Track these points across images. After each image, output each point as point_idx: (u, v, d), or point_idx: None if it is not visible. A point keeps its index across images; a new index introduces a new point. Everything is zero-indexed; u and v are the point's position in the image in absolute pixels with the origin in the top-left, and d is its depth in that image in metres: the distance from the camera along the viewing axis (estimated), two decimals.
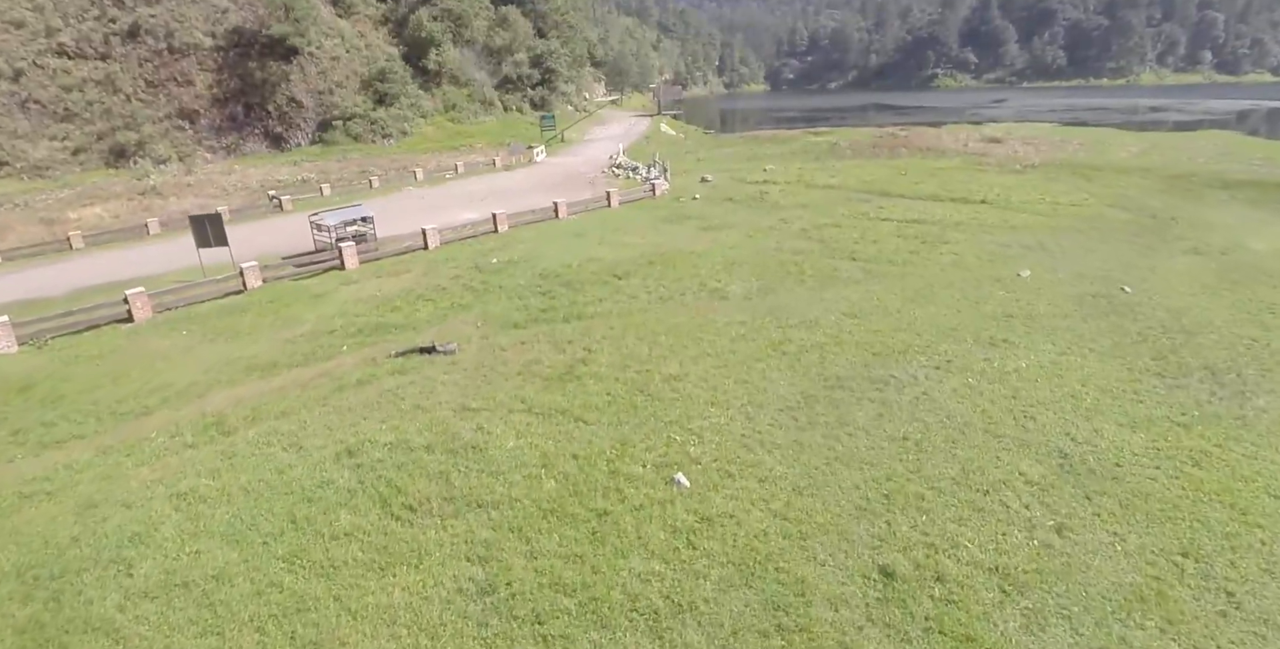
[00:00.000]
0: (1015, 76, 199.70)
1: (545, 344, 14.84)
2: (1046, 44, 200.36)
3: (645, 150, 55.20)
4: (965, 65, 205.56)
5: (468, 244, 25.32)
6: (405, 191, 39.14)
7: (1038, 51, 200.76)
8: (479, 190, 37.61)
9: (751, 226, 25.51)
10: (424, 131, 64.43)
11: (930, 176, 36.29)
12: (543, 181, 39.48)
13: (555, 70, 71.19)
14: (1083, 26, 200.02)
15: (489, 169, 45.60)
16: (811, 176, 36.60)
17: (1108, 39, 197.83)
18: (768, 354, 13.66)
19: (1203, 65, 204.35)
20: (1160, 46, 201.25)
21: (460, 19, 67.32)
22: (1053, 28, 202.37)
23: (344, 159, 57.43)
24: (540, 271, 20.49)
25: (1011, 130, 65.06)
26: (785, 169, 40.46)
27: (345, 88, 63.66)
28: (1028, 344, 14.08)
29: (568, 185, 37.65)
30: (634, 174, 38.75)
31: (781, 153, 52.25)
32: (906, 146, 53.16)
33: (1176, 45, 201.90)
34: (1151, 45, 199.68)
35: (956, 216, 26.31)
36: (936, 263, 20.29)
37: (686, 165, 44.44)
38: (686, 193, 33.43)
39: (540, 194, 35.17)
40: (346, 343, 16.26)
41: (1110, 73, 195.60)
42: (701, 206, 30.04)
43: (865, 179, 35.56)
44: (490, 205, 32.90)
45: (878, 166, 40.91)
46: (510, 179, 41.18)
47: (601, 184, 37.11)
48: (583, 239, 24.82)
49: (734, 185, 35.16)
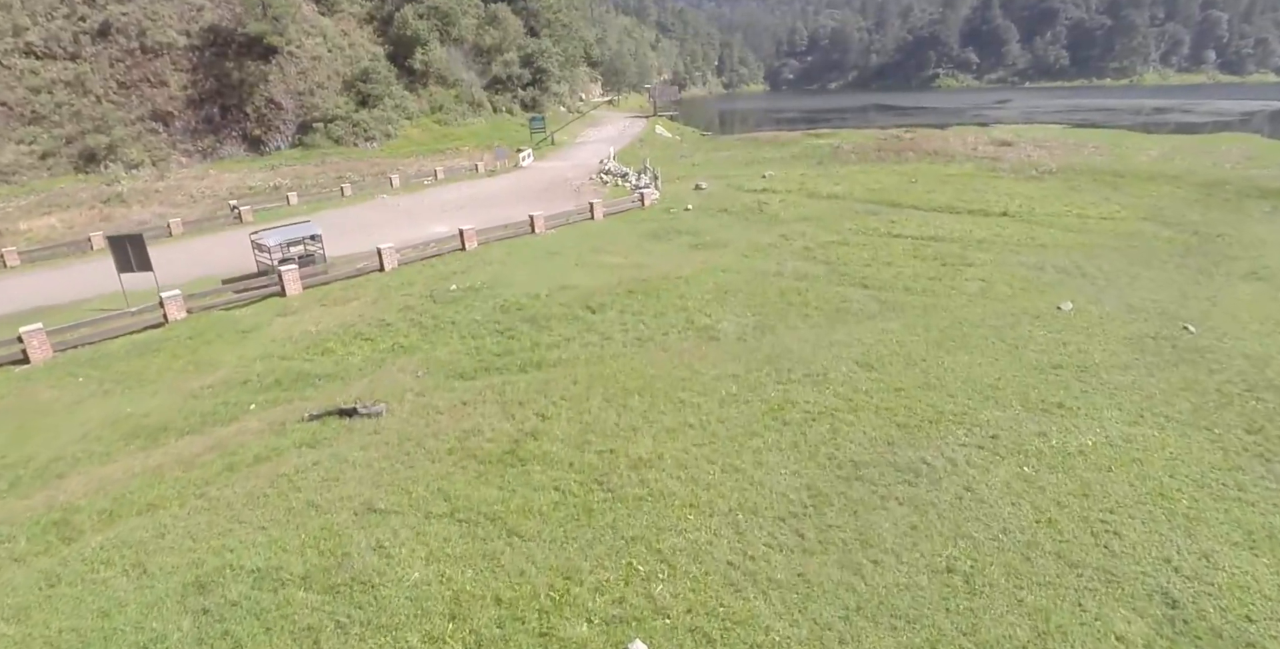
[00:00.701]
0: (1017, 77, 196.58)
1: (492, 405, 12.04)
2: (1049, 44, 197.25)
3: (638, 154, 52.36)
4: (966, 65, 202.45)
5: (429, 265, 22.50)
6: (379, 200, 36.34)
7: (1040, 51, 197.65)
8: (456, 199, 34.82)
9: (748, 244, 22.68)
10: (409, 134, 61.58)
11: (942, 184, 33.47)
12: (525, 189, 36.68)
13: (547, 70, 68.32)
14: (1085, 26, 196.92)
15: (471, 174, 42.79)
16: (814, 184, 33.77)
17: (1111, 39, 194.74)
18: (765, 425, 10.85)
19: (1206, 65, 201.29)
20: (1164, 46, 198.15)
21: (448, 17, 64.44)
22: (1055, 27, 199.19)
23: (323, 163, 54.59)
24: (502, 303, 17.67)
25: (1021, 132, 62.18)
26: (786, 175, 37.63)
27: (326, 89, 60.83)
28: (1088, 410, 11.26)
29: (551, 193, 34.86)
30: (623, 181, 35.97)
31: (781, 156, 49.41)
32: (913, 150, 50.29)
33: (1180, 45, 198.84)
34: (1155, 45, 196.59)
35: (978, 232, 23.48)
36: (961, 291, 17.46)
37: (680, 170, 41.65)
38: (678, 202, 30.62)
39: (520, 203, 32.38)
40: (258, 399, 13.45)
41: (1113, 73, 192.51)
42: (694, 219, 27.24)
43: (872, 187, 32.73)
44: (465, 216, 30.13)
45: (884, 172, 38.08)
46: (492, 186, 38.38)
47: (588, 192, 34.30)
48: (558, 259, 22.00)
49: (730, 194, 32.34)
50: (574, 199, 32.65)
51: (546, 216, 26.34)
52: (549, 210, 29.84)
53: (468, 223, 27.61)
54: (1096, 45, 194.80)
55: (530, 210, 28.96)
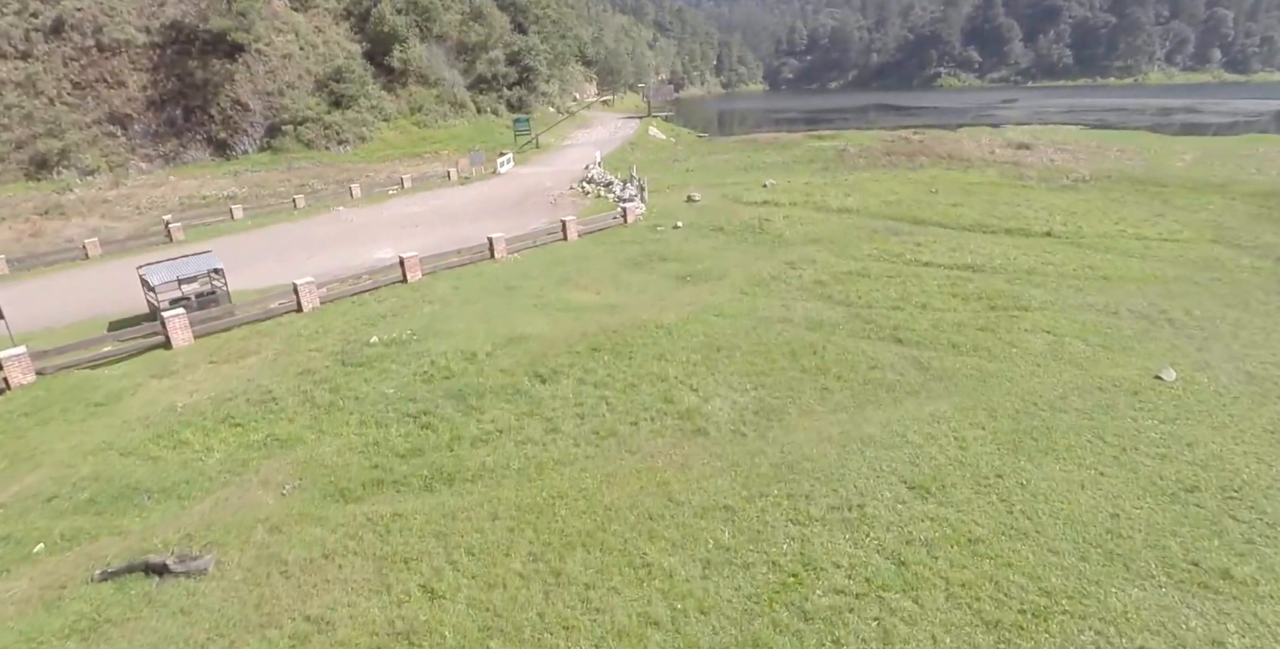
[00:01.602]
0: (1020, 76, 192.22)
1: (364, 562, 7.95)
2: (1052, 42, 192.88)
3: (628, 158, 48.24)
4: (969, 64, 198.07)
5: (358, 303, 18.38)
6: (334, 213, 32.25)
7: (1043, 50, 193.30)
8: (418, 212, 30.74)
9: (747, 276, 18.60)
10: (385, 136, 57.45)
11: (967, 195, 29.38)
12: (497, 200, 32.59)
13: (534, 68, 64.12)
14: (1089, 24, 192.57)
15: (442, 183, 38.70)
16: (821, 194, 29.68)
17: (1115, 37, 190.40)
18: (773, 621, 6.77)
19: (1211, 64, 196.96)
20: (1168, 45, 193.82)
21: (428, 12, 60.25)
22: (1058, 26, 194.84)
23: (289, 169, 50.48)
24: (427, 366, 13.55)
25: (1037, 134, 58.07)
26: (789, 183, 33.53)
27: (297, 89, 56.68)
28: (1275, 588, 7.19)
29: (525, 206, 30.77)
30: (607, 191, 31.89)
31: (783, 161, 45.29)
32: (925, 153, 46.18)
33: (1185, 44, 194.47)
34: (1159, 44, 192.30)
35: (1023, 259, 19.39)
36: (1025, 349, 13.36)
37: (672, 177, 37.54)
38: (667, 217, 26.53)
39: (488, 218, 28.31)
40: (55, 531, 9.36)
41: (1118, 72, 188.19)
42: (683, 240, 23.15)
43: (888, 199, 28.64)
44: (423, 234, 26.06)
45: (899, 180, 33.97)
46: (462, 196, 34.28)
47: (566, 204, 30.23)
48: (514, 296, 17.91)
49: (727, 207, 28.25)
50: (549, 213, 28.57)
51: (510, 239, 22.25)
52: (519, 227, 25.82)
53: (424, 242, 23.66)
54: (1100, 44, 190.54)
55: (497, 227, 24.94)
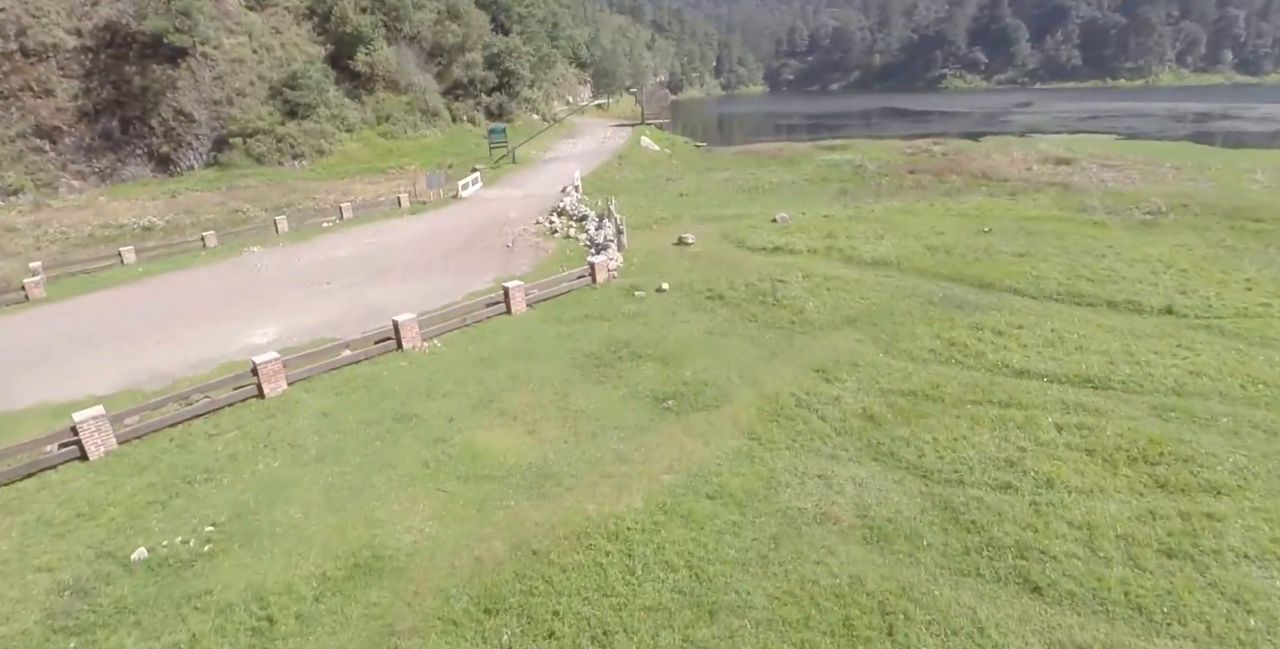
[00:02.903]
0: (1028, 77, 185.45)
1: None
2: (1060, 43, 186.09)
3: (614, 178, 41.89)
4: (975, 65, 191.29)
5: (179, 442, 12.07)
6: (245, 257, 25.98)
7: (1051, 51, 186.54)
8: (343, 258, 24.45)
9: (759, 399, 12.30)
10: (347, 149, 51.14)
11: (1029, 237, 23.06)
12: (444, 239, 26.26)
13: (515, 72, 57.72)
14: (1098, 24, 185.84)
15: (391, 211, 32.37)
16: (848, 235, 23.38)
17: (1125, 38, 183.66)
18: None
19: (1223, 65, 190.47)
20: (1179, 45, 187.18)
21: (396, 11, 53.89)
22: (1066, 26, 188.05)
23: (229, 190, 44.16)
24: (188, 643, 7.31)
25: (1072, 146, 51.67)
26: (804, 217, 27.23)
27: (249, 97, 50.36)
28: None
29: (475, 249, 24.45)
30: (580, 228, 25.58)
31: (793, 180, 38.93)
32: (955, 171, 39.88)
33: (1196, 44, 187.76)
34: (1170, 44, 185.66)
35: (1156, 363, 13.08)
36: (1270, 616, 7.13)
37: (663, 205, 31.20)
38: (650, 273, 20.24)
39: (423, 270, 22.04)
40: None
41: (1128, 73, 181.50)
42: (667, 316, 16.83)
43: (932, 242, 22.31)
44: (331, 298, 19.80)
45: (937, 212, 27.63)
46: (404, 232, 27.95)
47: (525, 248, 23.92)
48: (400, 439, 11.60)
49: (728, 254, 21.96)
50: (501, 263, 22.26)
51: (427, 319, 15.92)
52: (455, 288, 19.57)
53: (324, 314, 17.47)
54: (1110, 45, 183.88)
55: (428, 287, 18.80)
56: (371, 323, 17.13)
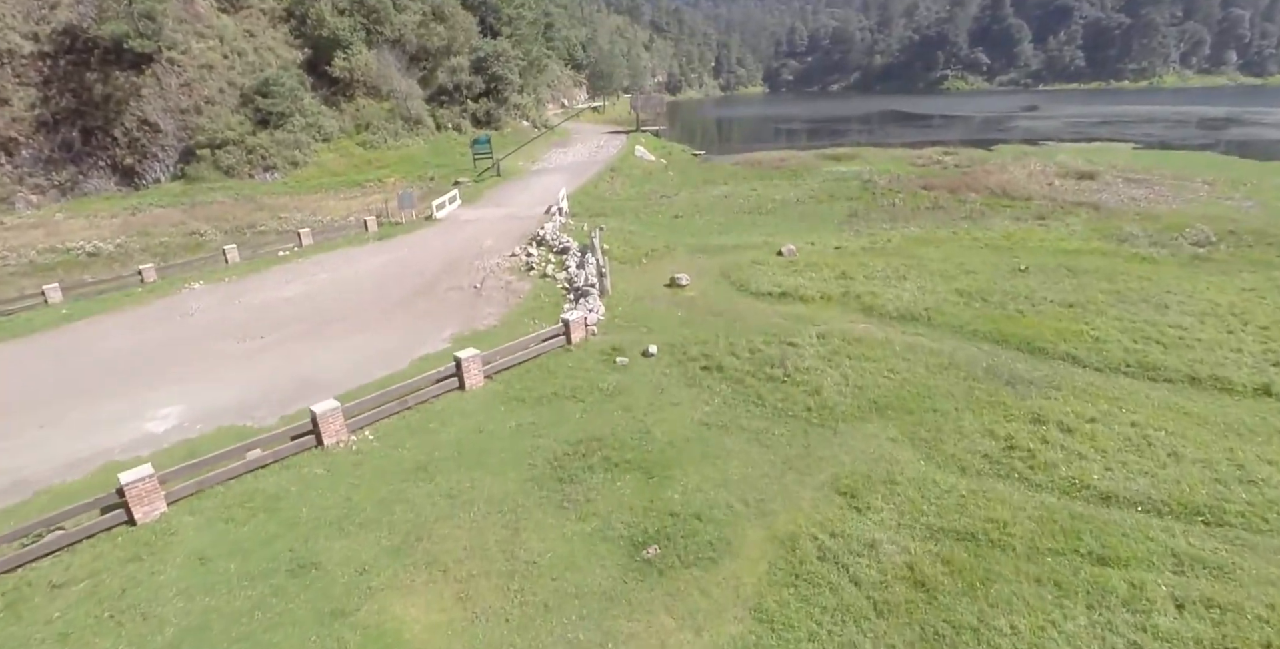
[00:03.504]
0: (1030, 78, 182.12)
1: None
2: (1063, 44, 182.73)
3: (604, 195, 38.69)
4: (976, 66, 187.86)
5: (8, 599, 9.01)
6: (184, 294, 22.82)
7: (1054, 52, 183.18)
8: (290, 300, 21.27)
9: (769, 541, 9.15)
10: (324, 160, 47.94)
11: (1073, 279, 19.96)
12: (407, 276, 23.08)
13: (503, 77, 54.46)
14: (1101, 25, 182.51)
15: (356, 237, 29.16)
16: (865, 276, 20.25)
17: (1128, 38, 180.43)
18: None
19: (1227, 66, 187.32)
20: (1183, 46, 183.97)
21: (376, 13, 50.61)
22: (1069, 27, 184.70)
23: (193, 205, 40.98)
24: None
25: (1091, 156, 48.52)
26: (813, 249, 24.12)
27: (219, 104, 47.16)
28: None
29: (440, 288, 21.29)
30: (559, 264, 22.38)
31: (798, 198, 35.75)
32: (972, 187, 36.74)
33: (1201, 45, 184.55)
34: (1174, 45, 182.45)
35: (1272, 485, 10.05)
36: None
37: (654, 232, 28.01)
38: (635, 330, 17.10)
39: (375, 320, 18.91)
40: None
41: (1132, 75, 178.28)
42: (654, 397, 13.65)
43: (963, 284, 19.18)
44: (262, 360, 16.68)
45: (962, 243, 24.49)
46: (365, 264, 24.75)
47: (495, 291, 20.76)
48: (296, 596, 8.50)
49: (727, 302, 18.84)
50: (466, 308, 19.12)
51: (355, 407, 12.74)
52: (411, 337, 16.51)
53: (241, 391, 14.43)
54: (1113, 45, 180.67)
55: (375, 343, 15.82)
56: (296, 402, 14.02)
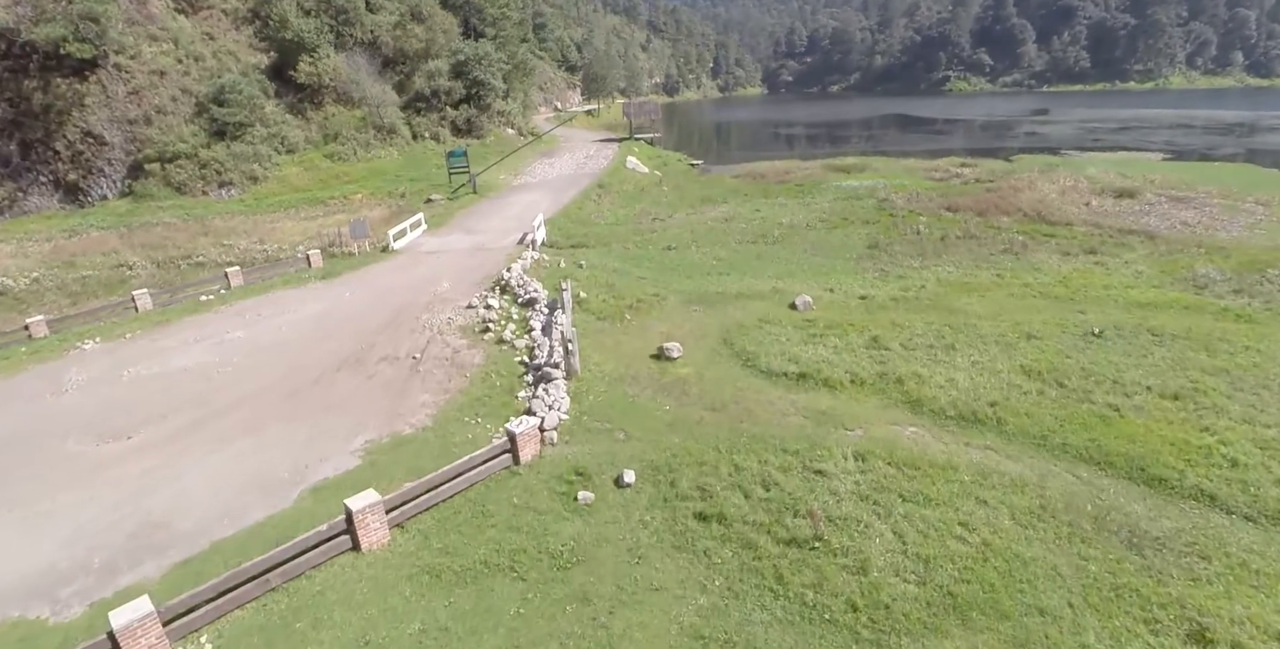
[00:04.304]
0: (1034, 80, 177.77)
1: None
2: (1067, 44, 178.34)
3: (588, 218, 34.40)
4: (979, 67, 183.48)
5: None
6: (67, 358, 18.59)
7: (1058, 53, 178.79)
8: (187, 370, 17.02)
9: None
10: (286, 175, 43.60)
11: (1158, 344, 15.77)
12: (339, 335, 18.81)
13: (485, 82, 50.09)
14: (1106, 25, 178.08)
15: (296, 275, 24.85)
16: (903, 345, 16.04)
17: (1134, 39, 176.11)
18: None
19: (1233, 67, 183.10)
20: (1189, 47, 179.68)
21: (346, 13, 46.32)
22: (1073, 27, 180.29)
23: (138, 227, 36.71)
24: None
25: (1123, 169, 44.28)
26: (833, 299, 19.93)
27: (171, 114, 42.84)
28: None
29: (372, 359, 17.02)
30: (521, 324, 18.08)
31: (808, 223, 31.48)
32: (1004, 209, 32.49)
33: (1207, 46, 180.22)
34: (1180, 46, 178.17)
35: None
36: None
37: (643, 270, 23.75)
38: (603, 441, 12.82)
39: (283, 406, 14.69)
40: None
41: (1137, 76, 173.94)
42: (622, 581, 9.15)
43: (1028, 359, 14.92)
44: (123, 467, 12.50)
45: (1011, 290, 20.24)
46: (293, 316, 20.44)
47: (442, 356, 16.52)
48: None
49: (731, 393, 14.59)
50: (396, 393, 14.87)
51: (187, 602, 8.52)
52: (314, 443, 12.38)
53: (80, 520, 10.50)
54: (1118, 46, 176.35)
55: (276, 440, 11.68)
56: (124, 572, 9.85)
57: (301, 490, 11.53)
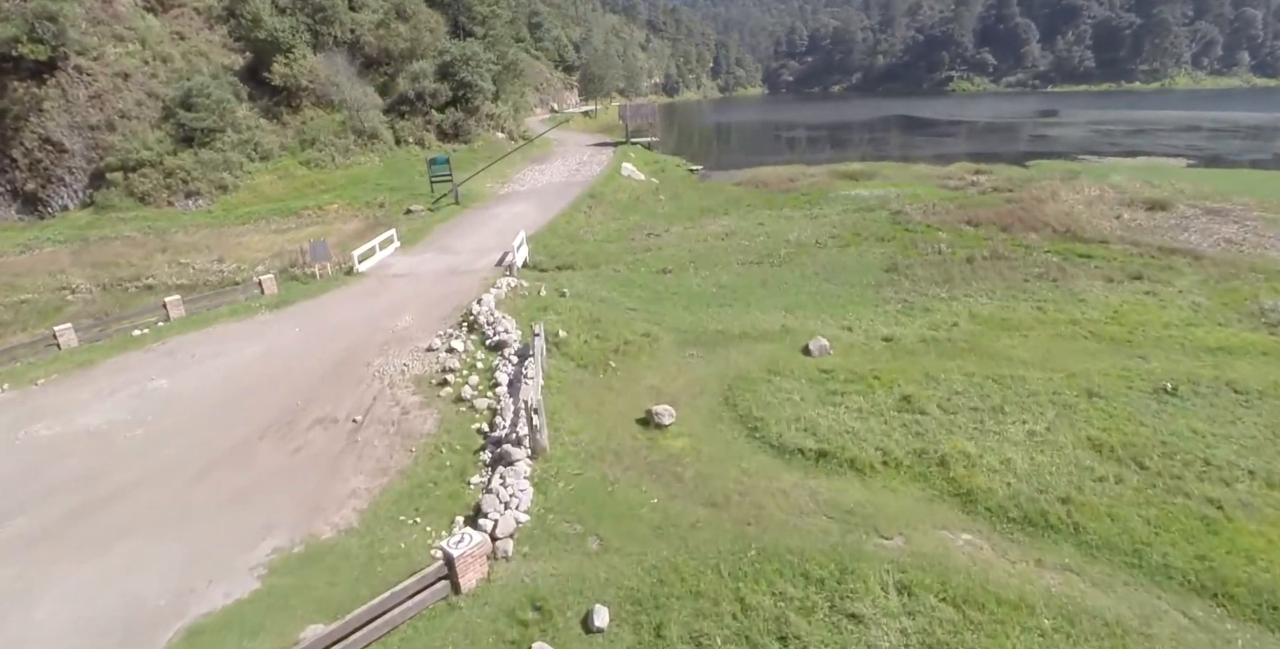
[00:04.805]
0: (1038, 80, 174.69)
1: None
2: (1072, 44, 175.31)
3: (576, 234, 31.59)
4: (982, 67, 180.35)
5: None
6: None
7: (1062, 52, 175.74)
8: (92, 432, 14.28)
9: None
10: (258, 184, 40.81)
11: (1242, 406, 13.04)
12: (278, 384, 16.04)
13: (473, 84, 47.25)
14: (1111, 25, 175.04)
15: (247, 303, 22.10)
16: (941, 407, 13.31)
17: (1139, 39, 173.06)
18: None
19: (1240, 67, 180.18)
20: (1195, 47, 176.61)
21: (324, 11, 43.50)
22: (1078, 26, 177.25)
23: (95, 242, 33.97)
24: None
25: (1149, 177, 41.51)
26: (852, 340, 17.22)
27: (136, 119, 40.07)
28: None
29: (310, 415, 14.30)
30: (487, 371, 15.34)
31: (817, 240, 28.70)
32: (1028, 222, 29.75)
33: (1213, 46, 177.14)
34: (1186, 46, 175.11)
35: None
36: None
37: (634, 300, 20.98)
38: (570, 554, 10.03)
39: (180, 498, 11.96)
40: None
41: (1143, 76, 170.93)
42: None
43: (1095, 428, 12.20)
44: None
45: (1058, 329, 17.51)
46: (226, 361, 17.58)
47: (388, 420, 13.80)
48: None
49: (734, 478, 11.89)
50: (325, 473, 12.13)
51: None
52: (192, 565, 9.58)
53: None
54: (1123, 46, 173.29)
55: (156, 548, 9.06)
56: None
57: (176, 631, 8.78)
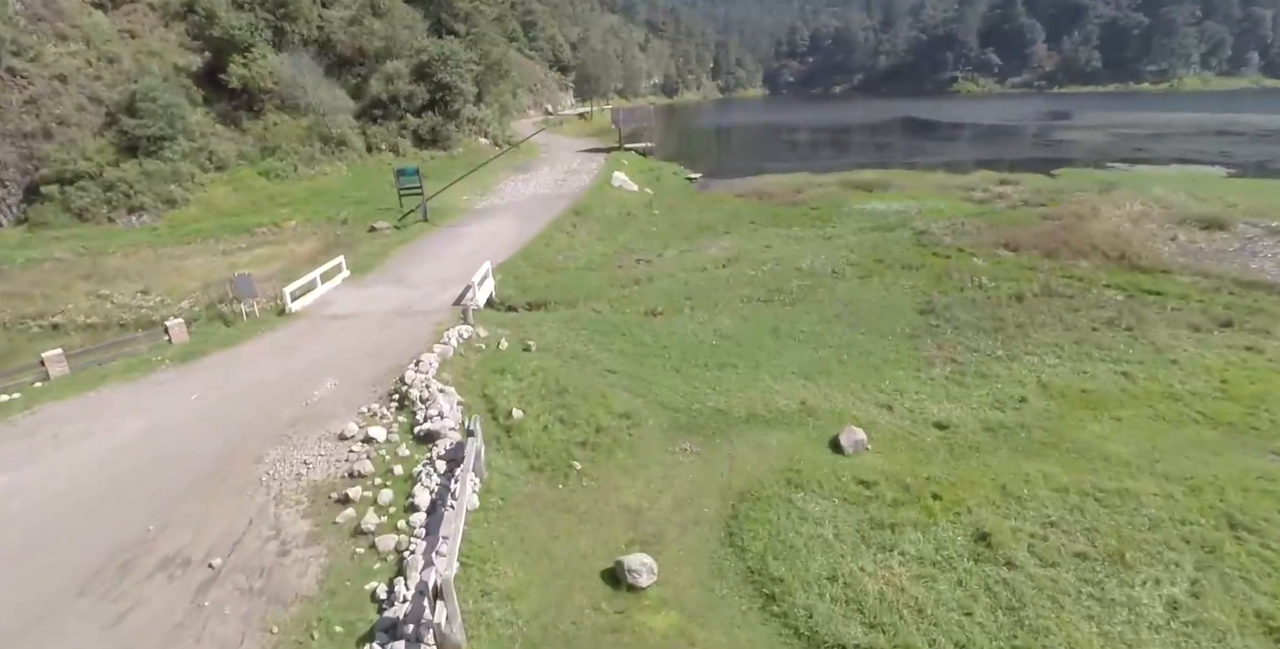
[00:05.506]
0: (1044, 80, 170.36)
1: None
2: (1079, 44, 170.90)
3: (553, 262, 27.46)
4: (987, 68, 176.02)
5: None
6: None
7: (1069, 53, 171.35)
8: None
9: None
10: (211, 197, 36.71)
11: None
12: (131, 496, 11.99)
13: (452, 85, 43.15)
14: (1118, 25, 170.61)
15: (148, 354, 18.06)
16: (1042, 558, 9.42)
17: (1147, 39, 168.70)
18: None
19: (1249, 68, 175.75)
20: (1203, 47, 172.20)
21: (286, 7, 39.44)
22: (1084, 26, 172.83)
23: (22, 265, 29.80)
24: None
25: (1190, 187, 37.37)
26: (898, 436, 13.20)
27: (76, 126, 35.94)
28: None
29: (154, 555, 10.28)
30: (417, 467, 11.45)
31: (834, 270, 24.57)
32: (1075, 247, 25.60)
33: (1221, 46, 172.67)
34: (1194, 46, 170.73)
35: None
36: None
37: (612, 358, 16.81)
38: None
39: None
40: None
41: (1151, 76, 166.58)
42: None
43: (1262, 603, 8.37)
44: None
45: (1154, 407, 13.43)
46: (82, 451, 13.33)
47: (252, 569, 9.82)
48: None
49: None
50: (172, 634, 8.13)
51: None
52: None
53: None
54: (1131, 46, 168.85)
55: None
56: None
57: None
